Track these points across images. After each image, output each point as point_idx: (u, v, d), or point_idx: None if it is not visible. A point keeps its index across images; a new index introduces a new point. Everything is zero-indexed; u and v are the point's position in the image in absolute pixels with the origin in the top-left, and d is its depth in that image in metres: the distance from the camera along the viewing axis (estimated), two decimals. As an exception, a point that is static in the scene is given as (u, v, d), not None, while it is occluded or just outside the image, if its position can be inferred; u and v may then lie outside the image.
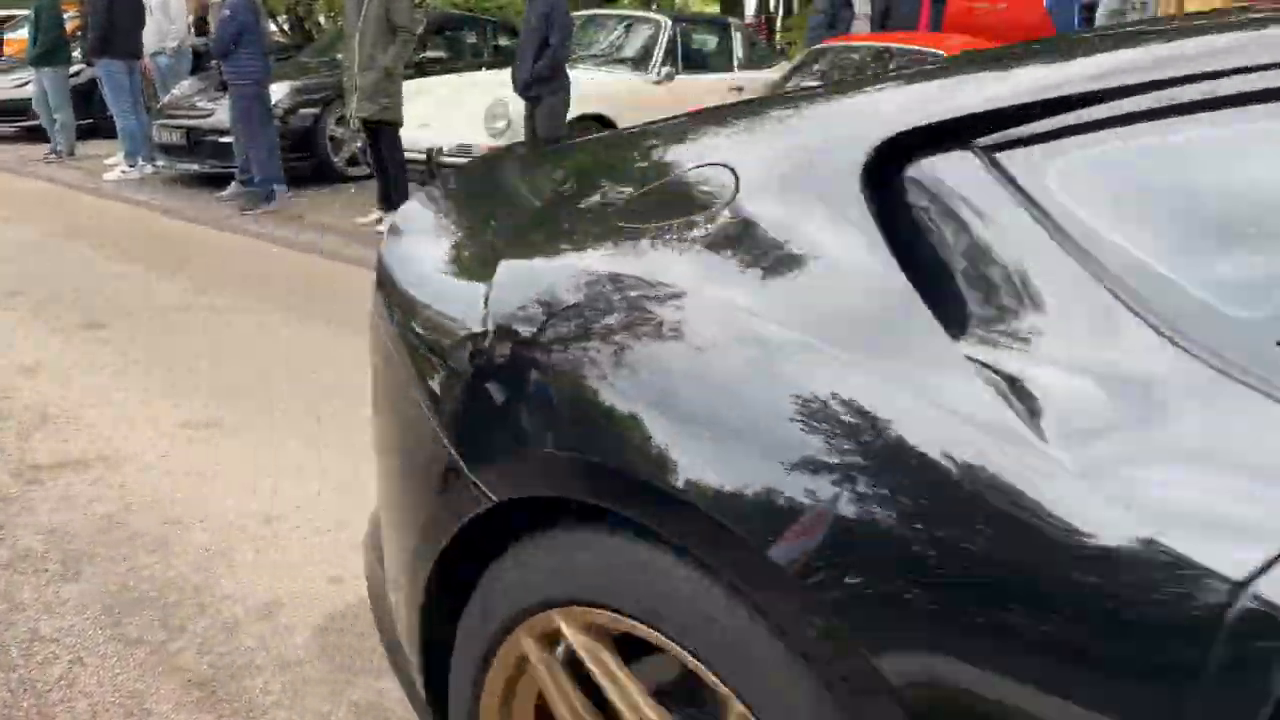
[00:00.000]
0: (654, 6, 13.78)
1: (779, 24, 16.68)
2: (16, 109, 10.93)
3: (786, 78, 6.68)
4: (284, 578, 2.44)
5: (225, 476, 2.98)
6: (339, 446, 3.20)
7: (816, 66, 6.56)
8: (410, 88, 6.99)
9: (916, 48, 6.31)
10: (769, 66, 8.39)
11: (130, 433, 3.30)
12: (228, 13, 6.79)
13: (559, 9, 5.83)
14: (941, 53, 6.03)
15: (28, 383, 3.76)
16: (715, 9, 25.87)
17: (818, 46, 6.80)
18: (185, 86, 8.51)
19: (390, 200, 6.71)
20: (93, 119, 10.22)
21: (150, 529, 2.67)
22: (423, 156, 6.70)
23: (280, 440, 3.25)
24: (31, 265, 5.57)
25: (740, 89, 7.89)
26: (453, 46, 9.95)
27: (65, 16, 9.79)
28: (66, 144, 9.63)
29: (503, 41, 10.23)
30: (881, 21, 7.28)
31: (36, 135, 10.73)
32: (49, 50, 9.16)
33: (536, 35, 5.89)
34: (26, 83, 10.83)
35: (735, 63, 8.10)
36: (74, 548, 2.56)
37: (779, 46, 11.02)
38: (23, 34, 12.85)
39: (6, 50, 12.35)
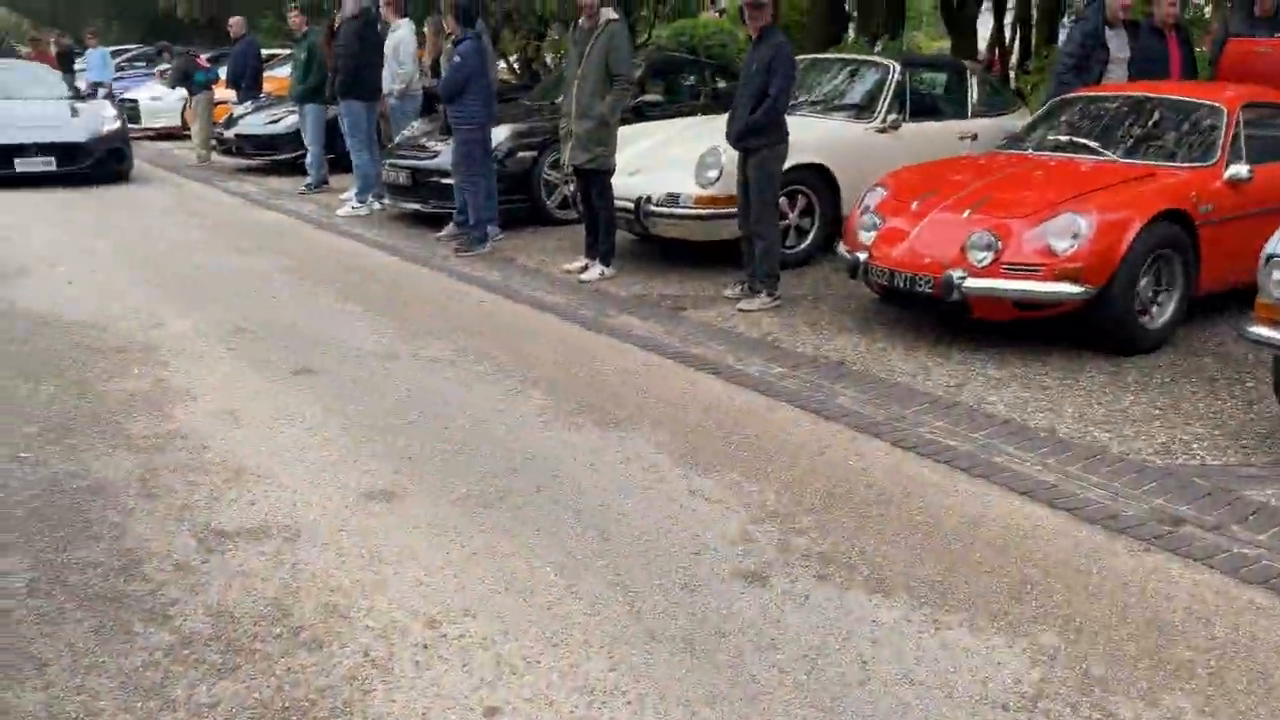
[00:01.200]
0: (878, 48, 13.24)
1: (1014, 59, 15.69)
2: (268, 144, 11.77)
3: (1029, 129, 6.07)
4: (438, 704, 2.23)
5: (396, 563, 2.83)
6: (514, 537, 3.00)
7: (1064, 118, 5.91)
8: (625, 133, 6.88)
9: (1188, 99, 5.55)
10: (1007, 113, 7.73)
11: (314, 498, 3.23)
12: (458, 59, 6.94)
13: (781, 57, 5.51)
14: (1220, 105, 5.26)
15: (230, 432, 3.81)
16: (944, 44, 24.80)
17: (1064, 97, 6.14)
18: (415, 128, 8.82)
19: (597, 249, 6.61)
20: (335, 154, 10.85)
21: (314, 620, 2.54)
22: (632, 205, 6.55)
23: (457, 523, 3.08)
24: (260, 301, 5.81)
25: (974, 137, 7.29)
26: (671, 89, 9.85)
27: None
28: (317, 177, 10.25)
29: (722, 84, 10.03)
30: (1138, 67, 6.50)
31: (284, 169, 11.53)
32: (315, 88, 9.76)
33: (755, 84, 5.60)
34: (279, 119, 11.67)
35: (969, 109, 7.50)
36: (236, 636, 2.46)
37: (1017, 88, 10.24)
38: (280, 72, 13.93)
39: (265, 87, 13.37)
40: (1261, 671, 2.40)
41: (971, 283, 4.69)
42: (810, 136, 6.57)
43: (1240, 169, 5.00)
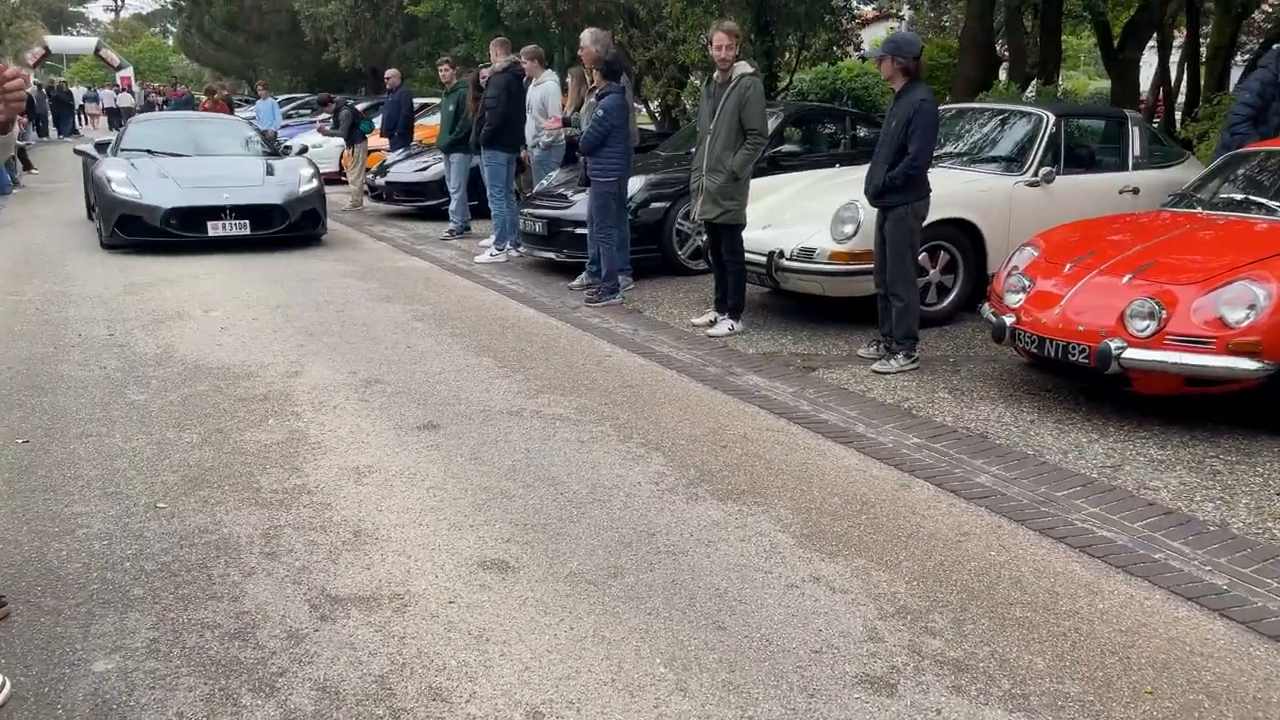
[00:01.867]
0: (1031, 92, 12.70)
1: (1180, 104, 14.80)
2: (416, 190, 12.20)
3: (1199, 184, 5.62)
4: (533, 808, 2.11)
5: (503, 643, 2.75)
6: (624, 621, 2.87)
7: (1239, 173, 5.45)
8: (758, 186, 6.77)
9: (1384, 153, 5.04)
10: (1172, 165, 7.22)
11: (427, 565, 3.20)
12: (601, 113, 6.97)
13: (922, 114, 5.28)
14: None
15: (355, 489, 3.84)
16: (1102, 85, 23.71)
17: (1238, 151, 5.67)
18: (553, 178, 8.95)
19: (725, 303, 6.48)
20: (476, 202, 11.13)
21: (416, 703, 2.47)
22: (764, 259, 6.41)
23: (567, 602, 2.98)
24: (395, 351, 5.93)
25: (1135, 191, 6.84)
26: (809, 139, 9.69)
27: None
28: (460, 223, 10.54)
29: (862, 133, 9.80)
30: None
31: (430, 215, 11.91)
32: (462, 138, 10.07)
33: (894, 140, 5.39)
34: (427, 166, 12.08)
35: (1130, 161, 7.04)
36: (339, 717, 2.41)
37: (1184, 138, 9.59)
38: (430, 121, 14.44)
39: (416, 136, 13.90)
40: None
41: (1132, 354, 4.33)
42: (955, 190, 6.29)
43: None
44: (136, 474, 3.96)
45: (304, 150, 12.40)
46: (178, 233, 9.40)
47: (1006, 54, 14.52)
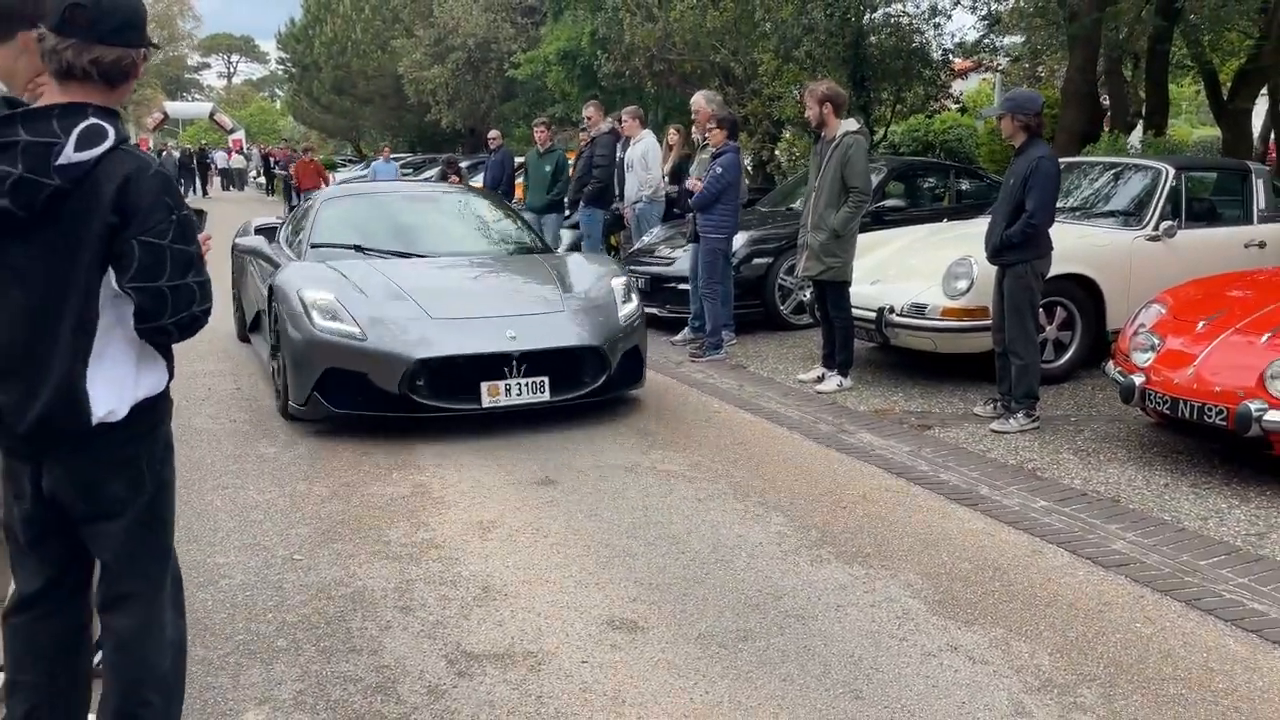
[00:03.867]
0: (1135, 141, 12.42)
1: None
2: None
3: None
4: None
5: (639, 705, 2.74)
6: (759, 687, 2.83)
7: (1381, 227, 5.22)
8: (864, 241, 6.74)
9: None
10: (1300, 217, 6.96)
11: (558, 623, 3.22)
12: (719, 170, 7.04)
13: (1041, 172, 5.20)
14: None
15: (481, 544, 3.89)
16: (1205, 133, 23.05)
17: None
18: (655, 234, 9.06)
19: (834, 359, 6.44)
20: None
21: (558, 764, 2.48)
22: (873, 315, 6.35)
23: (699, 664, 2.96)
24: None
25: (1261, 245, 6.61)
26: (911, 194, 9.63)
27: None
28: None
29: (965, 185, 9.71)
30: None
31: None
32: (557, 200, 10.30)
33: (1013, 197, 5.31)
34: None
35: (1255, 214, 6.81)
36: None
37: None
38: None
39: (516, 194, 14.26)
40: None
41: (1273, 416, 4.15)
42: (1072, 245, 6.16)
43: None
44: (271, 525, 4.10)
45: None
46: (431, 403, 5.20)
47: (1107, 104, 14.24)
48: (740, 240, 7.98)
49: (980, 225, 5.92)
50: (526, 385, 5.31)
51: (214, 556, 3.77)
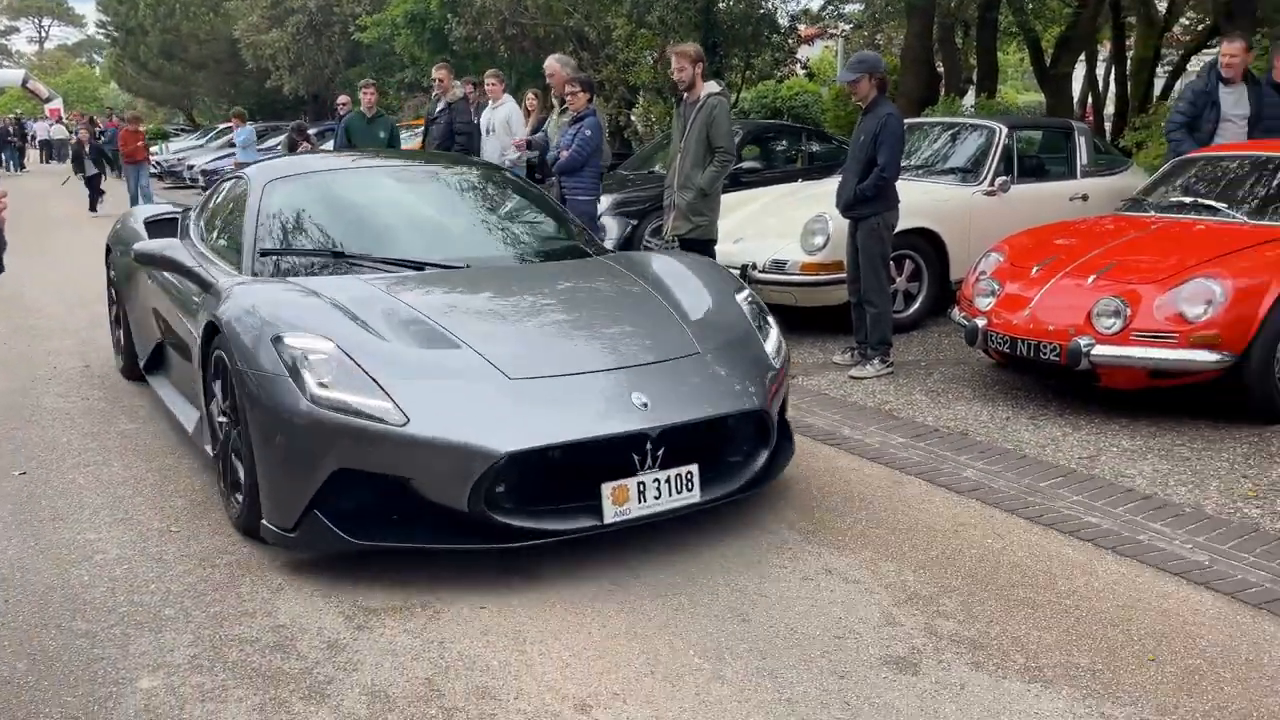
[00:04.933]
0: (973, 107, 13.16)
1: (1109, 114, 15.43)
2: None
3: (1149, 189, 5.93)
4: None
5: (535, 643, 2.84)
6: (652, 619, 2.98)
7: (1185, 178, 5.76)
8: (727, 201, 6.94)
9: (1317, 157, 5.37)
10: (1116, 172, 7.59)
11: (453, 571, 3.27)
12: (587, 133, 7.02)
13: (889, 128, 5.51)
14: (1357, 164, 5.07)
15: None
16: (1031, 99, 24.57)
17: (1185, 157, 6.00)
18: (517, 198, 9.02)
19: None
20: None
21: (466, 703, 2.55)
22: (735, 272, 6.58)
23: (592, 603, 3.08)
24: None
25: (1084, 198, 7.17)
26: (766, 156, 9.94)
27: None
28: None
29: (816, 148, 10.09)
30: (1264, 125, 6.32)
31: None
32: None
33: (864, 153, 5.61)
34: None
35: (1078, 169, 7.38)
36: (393, 718, 2.48)
37: (1123, 146, 10.02)
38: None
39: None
40: None
41: (1100, 350, 4.58)
42: (917, 201, 6.54)
43: (1383, 229, 4.80)
44: (143, 500, 3.97)
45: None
46: (523, 524, 3.18)
47: (942, 70, 15.00)
48: (604, 204, 8.08)
49: (832, 185, 6.20)
50: (668, 481, 3.27)
51: (84, 534, 3.63)
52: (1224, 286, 4.47)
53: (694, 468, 3.34)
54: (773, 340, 3.94)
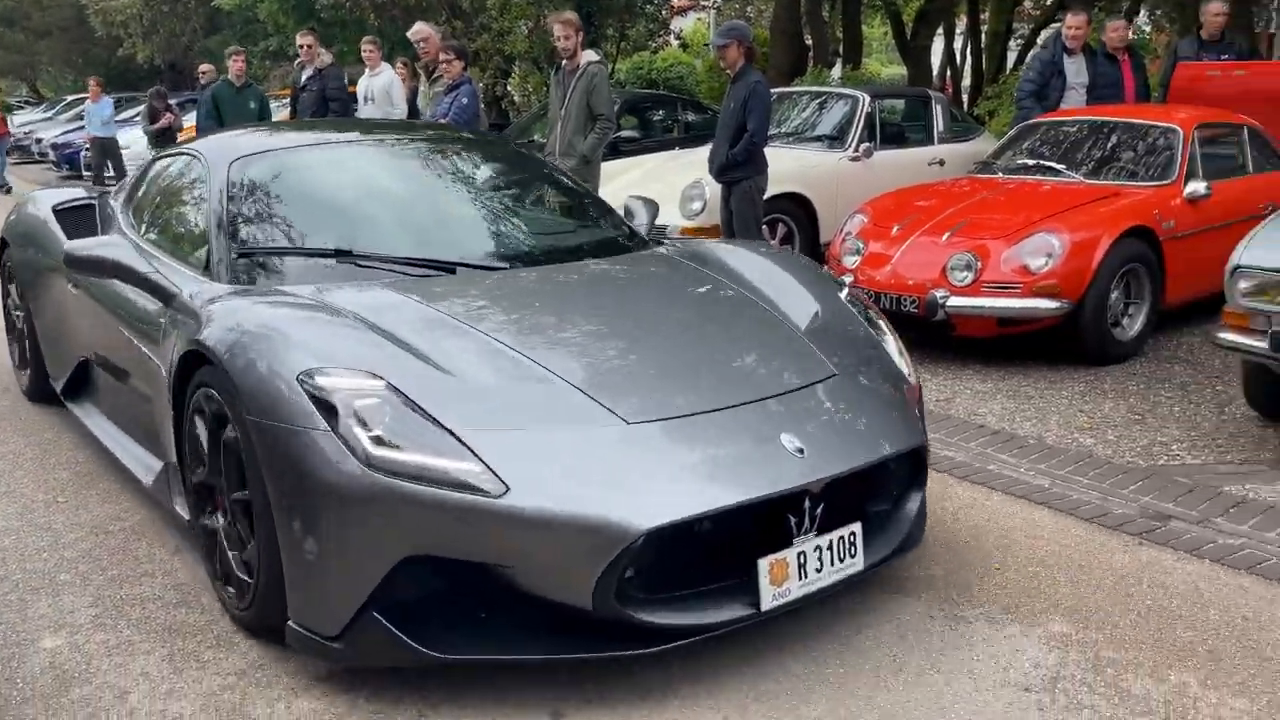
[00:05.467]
0: (836, 75, 13.66)
1: (966, 85, 16.23)
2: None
3: (998, 153, 6.37)
4: None
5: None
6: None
7: (1029, 142, 6.22)
8: (609, 169, 7.11)
9: (1142, 121, 5.89)
10: (970, 138, 8.08)
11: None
12: (465, 100, 7.01)
13: (757, 95, 5.76)
14: (1175, 127, 5.60)
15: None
16: (895, 71, 25.54)
17: (1030, 122, 6.46)
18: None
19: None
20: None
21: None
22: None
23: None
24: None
25: (941, 162, 7.62)
26: (644, 125, 10.13)
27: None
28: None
29: (692, 118, 10.33)
30: (1096, 93, 6.85)
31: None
32: None
33: (734, 119, 5.85)
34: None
35: (935, 136, 7.83)
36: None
37: (976, 114, 10.62)
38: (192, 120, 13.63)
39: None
40: (1255, 646, 2.63)
41: (954, 301, 4.95)
42: (787, 167, 6.84)
43: (1198, 186, 5.33)
44: (24, 474, 3.90)
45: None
46: (661, 620, 2.38)
47: (810, 42, 15.47)
48: (484, 172, 8.11)
49: (708, 152, 6.43)
50: (830, 547, 2.57)
51: (-36, 508, 3.57)
52: (1062, 240, 4.90)
53: (857, 528, 2.61)
54: (893, 345, 3.21)
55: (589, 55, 6.53)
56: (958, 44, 18.41)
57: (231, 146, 3.76)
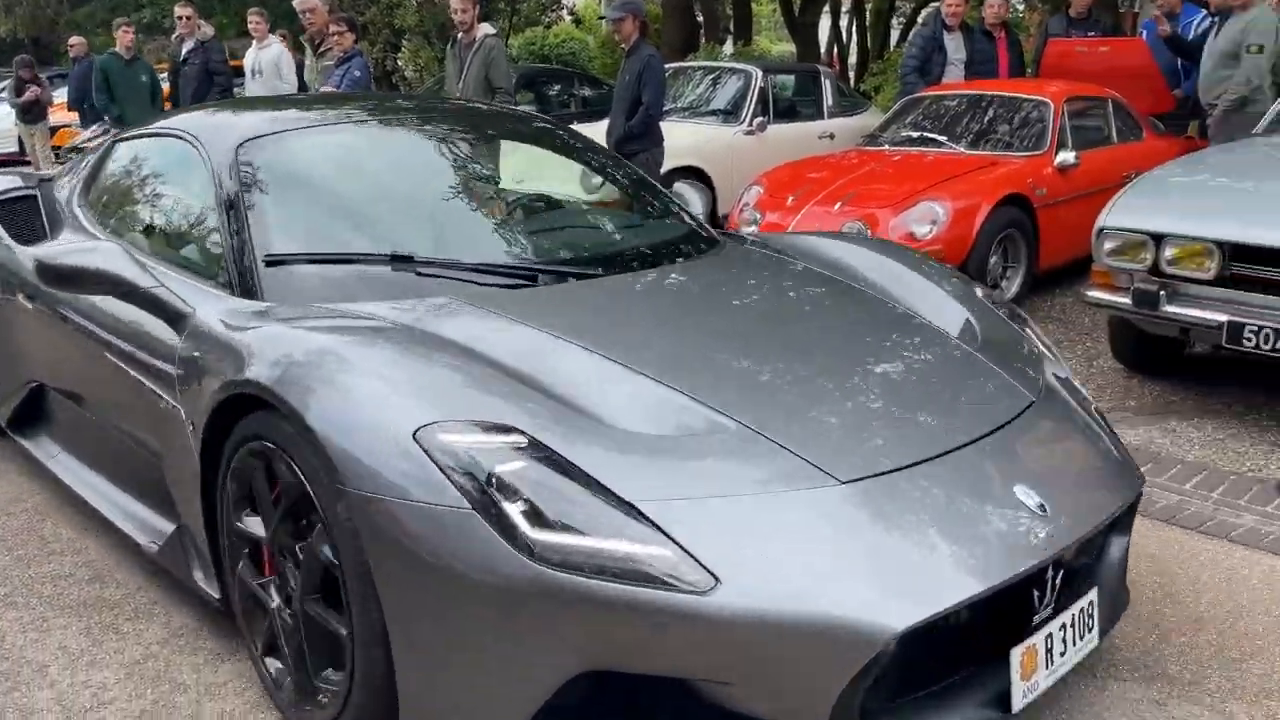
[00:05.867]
0: (727, 50, 13.87)
1: (852, 62, 16.68)
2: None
3: (884, 126, 6.64)
4: None
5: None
6: None
7: (913, 116, 6.50)
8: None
9: (1016, 95, 6.22)
10: (858, 113, 8.35)
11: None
12: (358, 73, 6.89)
13: (651, 68, 5.88)
14: (1047, 100, 5.94)
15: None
16: (788, 49, 25.99)
17: (913, 96, 6.74)
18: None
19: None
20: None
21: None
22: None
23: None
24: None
25: (832, 136, 7.87)
26: (541, 100, 10.13)
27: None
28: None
29: (588, 93, 10.38)
30: (974, 68, 7.18)
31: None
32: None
33: (629, 93, 5.95)
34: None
35: (825, 110, 8.08)
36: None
37: (863, 90, 10.96)
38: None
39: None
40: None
41: (847, 267, 5.17)
42: (684, 141, 6.98)
43: (1068, 156, 5.69)
44: (-90, 460, 3.76)
45: None
46: None
47: (701, 19, 15.66)
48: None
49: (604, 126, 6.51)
50: (1072, 625, 2.09)
51: None
52: (945, 208, 5.17)
53: (1094, 595, 2.15)
54: (1062, 371, 2.65)
55: (485, 28, 6.52)
56: (844, 22, 18.87)
57: (231, 126, 3.03)
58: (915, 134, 6.28)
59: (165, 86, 10.21)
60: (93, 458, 3.09)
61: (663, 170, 6.25)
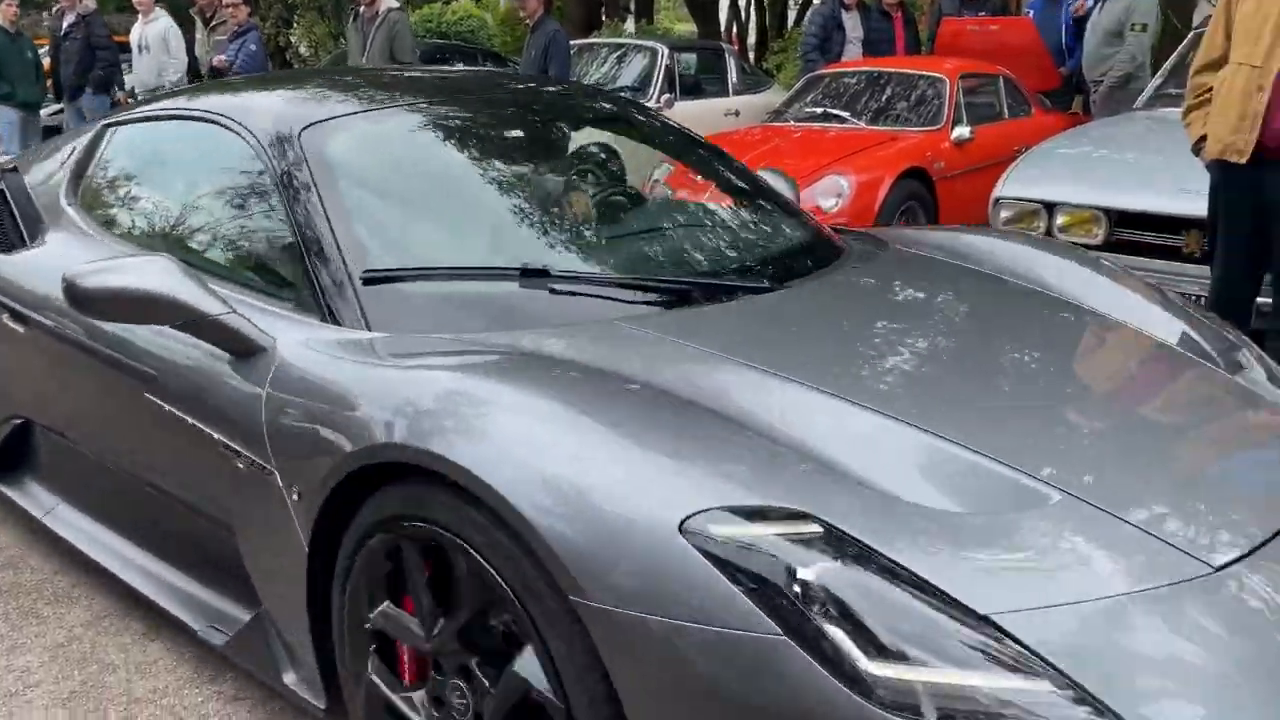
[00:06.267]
0: (629, 28, 13.91)
1: (751, 41, 16.92)
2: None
3: (788, 103, 6.78)
4: None
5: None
6: None
7: (815, 93, 6.66)
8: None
9: (913, 72, 6.43)
10: (761, 90, 8.51)
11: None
12: (254, 48, 6.77)
13: (558, 42, 5.92)
14: (942, 77, 6.16)
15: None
16: (688, 28, 26.16)
17: (814, 74, 6.91)
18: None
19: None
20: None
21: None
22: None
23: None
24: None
25: (737, 113, 8.00)
26: (444, 76, 10.03)
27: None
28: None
29: (491, 69, 10.30)
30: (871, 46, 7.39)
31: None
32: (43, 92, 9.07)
33: (536, 67, 5.97)
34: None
35: (730, 88, 8.21)
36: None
37: (765, 68, 11.15)
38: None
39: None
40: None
41: (756, 240, 5.29)
42: (592, 117, 7.00)
43: (963, 130, 5.92)
44: None
45: None
46: None
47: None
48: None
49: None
50: None
51: None
52: (849, 181, 5.33)
53: None
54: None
55: (389, 2, 6.43)
56: (743, 0, 19.11)
57: (280, 109, 2.38)
58: (818, 110, 6.45)
59: (46, 62, 9.75)
60: (111, 518, 2.49)
61: (572, 147, 6.28)
